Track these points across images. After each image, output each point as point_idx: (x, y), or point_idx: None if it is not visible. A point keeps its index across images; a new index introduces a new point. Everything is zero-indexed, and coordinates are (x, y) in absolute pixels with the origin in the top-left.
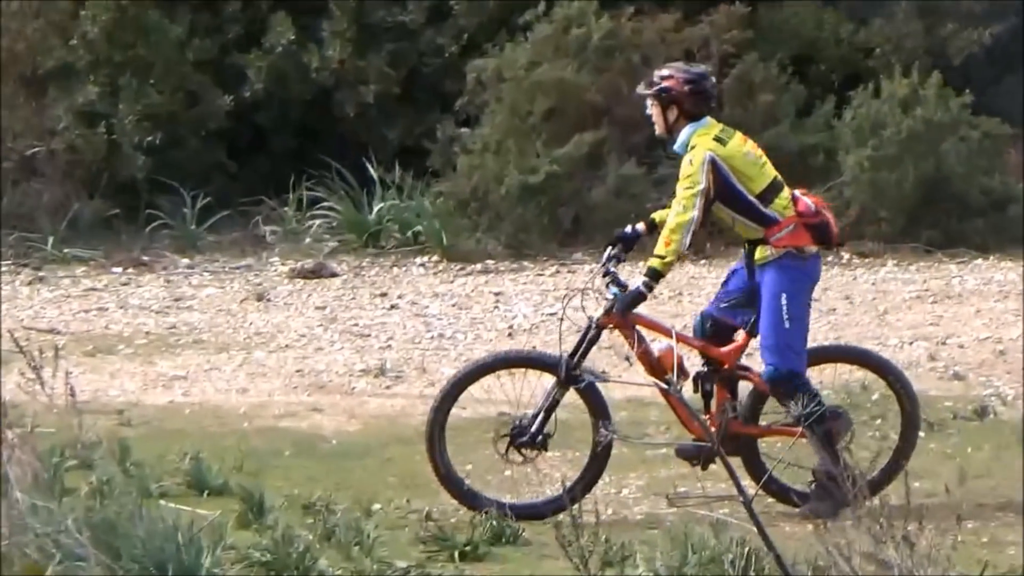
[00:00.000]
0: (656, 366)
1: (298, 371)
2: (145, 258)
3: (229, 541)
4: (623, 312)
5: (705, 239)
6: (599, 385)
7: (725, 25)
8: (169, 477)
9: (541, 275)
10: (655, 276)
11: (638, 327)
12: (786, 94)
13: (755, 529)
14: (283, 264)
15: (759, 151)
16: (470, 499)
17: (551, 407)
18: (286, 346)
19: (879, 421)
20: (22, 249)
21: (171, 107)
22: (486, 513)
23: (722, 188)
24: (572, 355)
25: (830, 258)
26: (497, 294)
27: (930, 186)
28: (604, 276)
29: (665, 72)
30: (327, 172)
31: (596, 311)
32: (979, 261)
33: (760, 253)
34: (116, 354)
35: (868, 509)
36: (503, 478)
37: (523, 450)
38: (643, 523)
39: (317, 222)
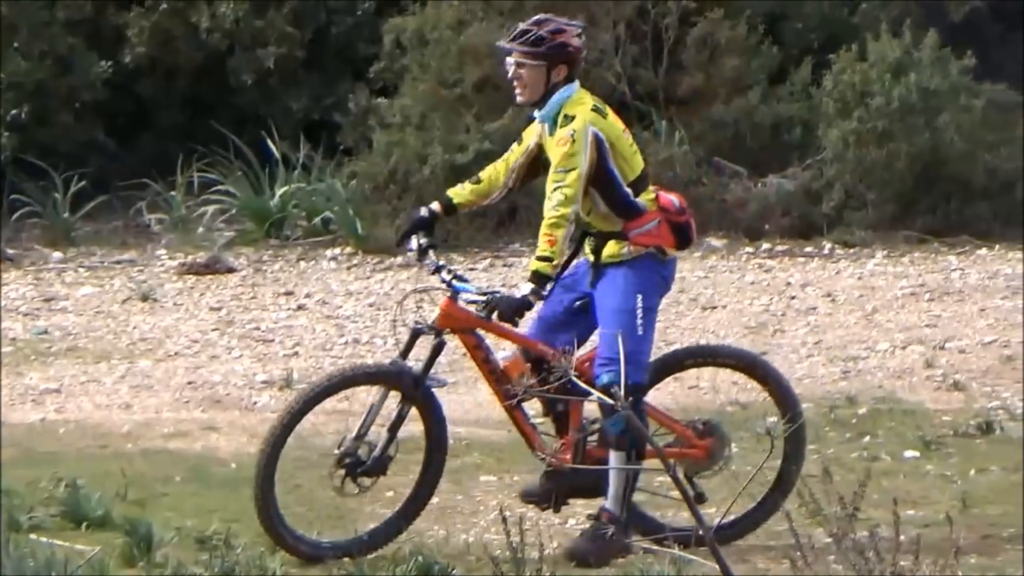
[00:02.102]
0: (500, 377)
1: (190, 383)
2: (10, 252)
3: None
4: (509, 321)
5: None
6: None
7: None
8: (41, 507)
9: (473, 268)
10: (543, 282)
11: (479, 331)
12: (756, 58)
13: (718, 566)
14: (171, 258)
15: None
16: (300, 548)
17: (396, 425)
18: (176, 354)
19: (867, 439)
20: None
21: (38, 75)
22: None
23: (598, 170)
24: (403, 359)
25: (808, 249)
26: (421, 291)
27: (925, 165)
28: (435, 272)
29: (553, 26)
30: (221, 151)
31: (432, 314)
32: (982, 251)
33: (612, 249)
34: None
35: (854, 541)
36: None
37: (361, 479)
38: None
39: (210, 209)
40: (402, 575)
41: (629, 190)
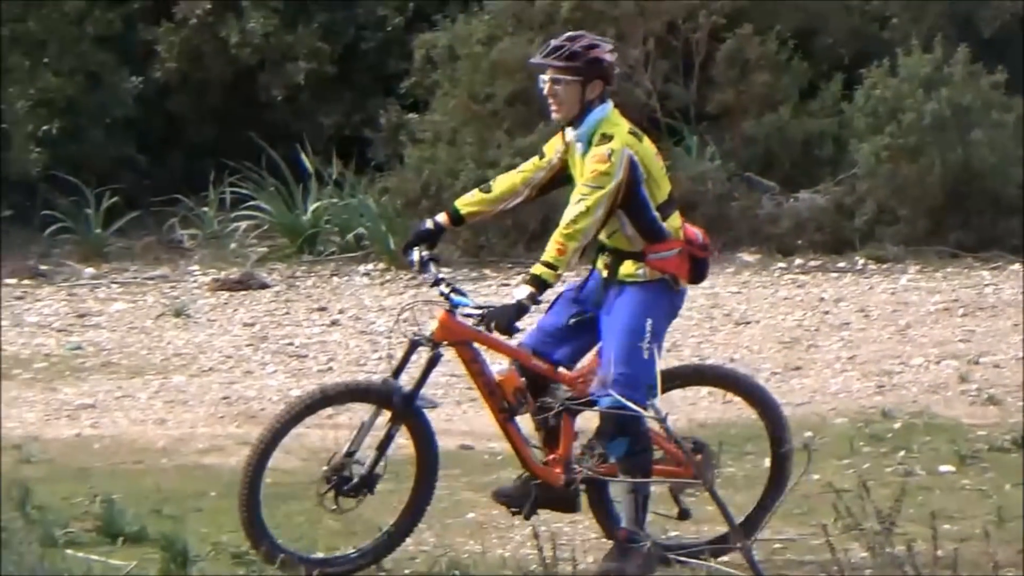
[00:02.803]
0: (495, 391)
1: (224, 398)
2: (42, 267)
3: None
4: (507, 329)
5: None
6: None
7: None
8: (77, 522)
9: (506, 284)
10: (543, 287)
11: (476, 344)
12: (787, 73)
13: None
14: (204, 274)
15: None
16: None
17: (384, 444)
18: (210, 369)
19: (902, 453)
20: None
21: (69, 91)
22: None
23: (629, 193)
24: (396, 377)
25: (841, 264)
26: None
27: (957, 180)
28: (435, 285)
29: (587, 41)
30: (253, 166)
31: (428, 327)
32: (1016, 266)
33: (628, 268)
34: (12, 379)
35: (891, 556)
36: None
37: (348, 497)
38: None
39: (243, 225)
40: None
41: (657, 214)
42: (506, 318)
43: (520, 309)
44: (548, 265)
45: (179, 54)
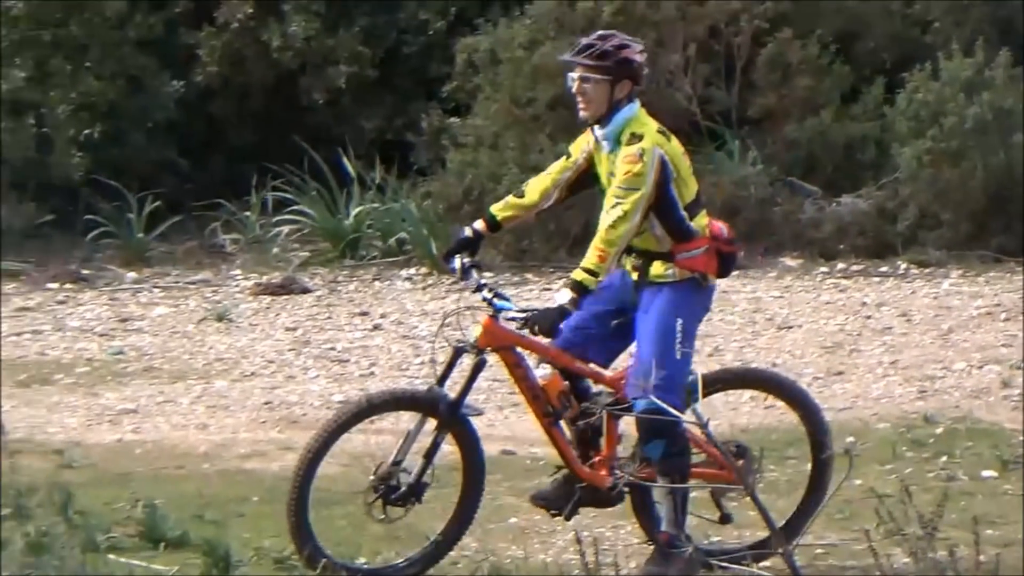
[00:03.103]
0: (539, 395)
1: (266, 403)
2: (85, 272)
3: None
4: (550, 332)
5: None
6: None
7: None
8: (119, 527)
9: (548, 288)
10: (584, 292)
11: (519, 348)
12: (828, 77)
13: None
14: (246, 278)
15: None
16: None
17: (431, 452)
18: (252, 374)
19: (944, 458)
20: None
21: (110, 95)
22: None
23: (659, 193)
24: (440, 384)
25: (883, 268)
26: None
27: (1000, 184)
28: (477, 291)
29: (617, 40)
30: (295, 170)
31: (472, 333)
32: None
33: (658, 269)
34: (54, 384)
35: (933, 561)
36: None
37: (396, 506)
38: None
39: (285, 229)
40: None
41: (685, 213)
42: (549, 321)
43: (562, 312)
44: (589, 271)
45: (220, 58)
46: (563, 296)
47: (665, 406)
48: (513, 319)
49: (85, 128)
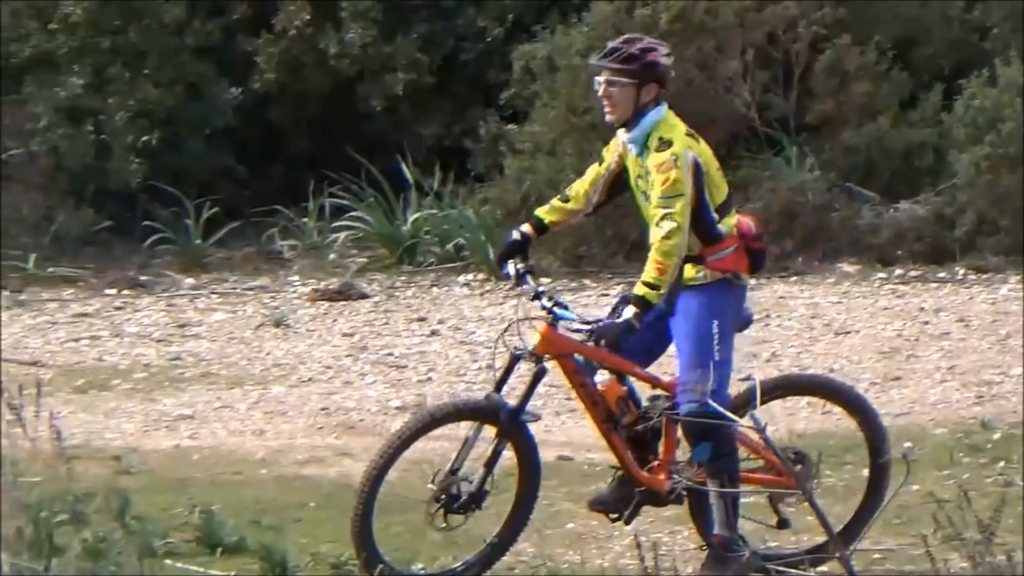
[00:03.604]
0: (598, 401)
1: (323, 409)
2: (142, 278)
3: None
4: (615, 346)
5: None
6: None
7: (815, 3)
8: (176, 533)
9: (606, 295)
10: (647, 307)
11: (576, 355)
12: (886, 83)
13: None
14: (304, 284)
15: None
16: None
17: (492, 460)
18: (309, 380)
19: (1002, 464)
20: None
21: (169, 102)
22: None
23: (694, 195)
24: (498, 391)
25: (941, 274)
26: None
27: None
28: (535, 299)
29: (644, 44)
30: (353, 177)
31: (529, 341)
32: None
33: (689, 272)
34: (111, 390)
35: (991, 566)
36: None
37: (457, 514)
38: None
39: (342, 235)
40: None
41: (716, 216)
42: (614, 335)
43: (628, 327)
44: (650, 285)
45: (278, 65)
46: (628, 312)
47: (717, 407)
48: (579, 331)
49: (143, 135)
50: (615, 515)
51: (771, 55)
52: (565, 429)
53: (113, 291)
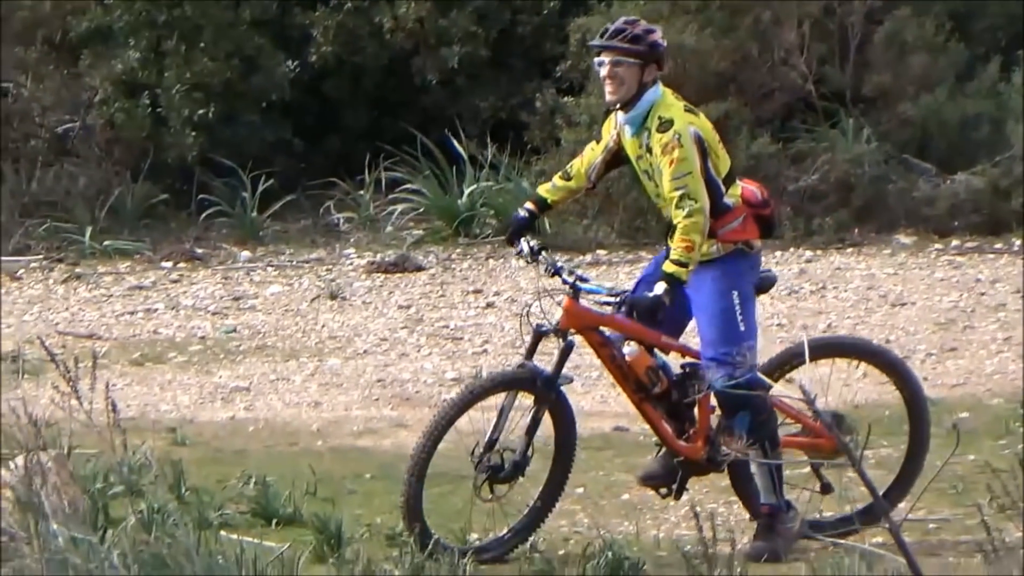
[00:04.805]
0: (628, 373)
1: (379, 381)
2: (198, 251)
3: None
4: (650, 320)
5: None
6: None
7: None
8: (231, 504)
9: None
10: (678, 284)
11: (603, 328)
12: (944, 55)
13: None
14: (360, 257)
15: None
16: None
17: (532, 428)
18: (365, 352)
19: None
20: (55, 242)
21: (225, 75)
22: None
23: (700, 170)
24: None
25: (997, 245)
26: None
27: None
28: (555, 274)
29: (645, 26)
30: (409, 150)
31: (554, 316)
32: None
33: (702, 248)
34: (166, 363)
35: None
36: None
37: (502, 484)
38: None
39: (398, 208)
40: (592, 571)
41: (723, 188)
42: (645, 308)
43: (658, 303)
44: (678, 263)
45: (334, 38)
46: (659, 288)
47: (753, 375)
48: (607, 303)
49: (199, 108)
50: (665, 490)
51: (827, 27)
52: (620, 400)
53: (169, 264)
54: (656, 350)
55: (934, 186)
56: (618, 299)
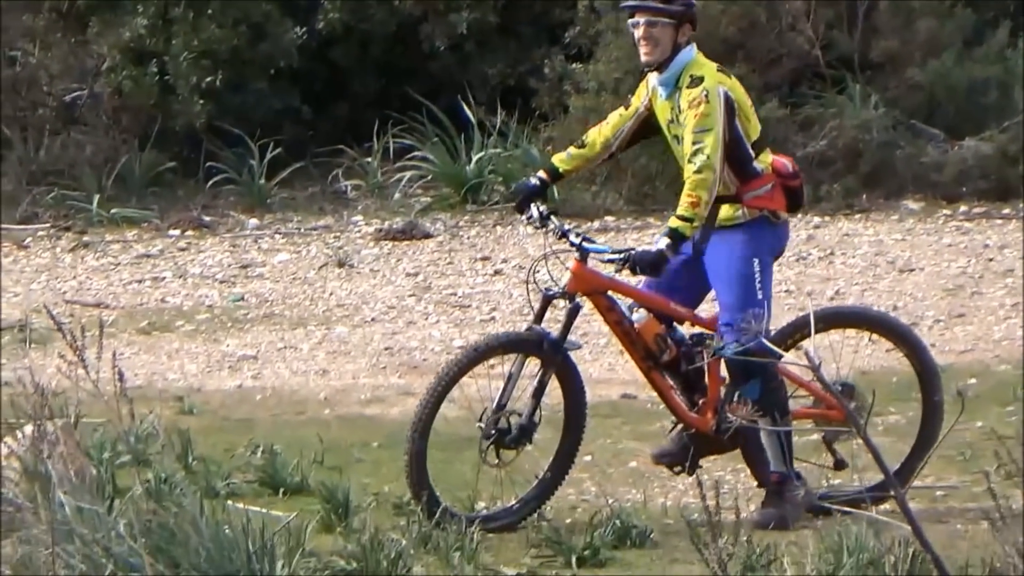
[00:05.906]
0: (635, 339)
1: (387, 349)
2: (206, 219)
3: (309, 547)
4: (654, 272)
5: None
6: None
7: None
8: (238, 474)
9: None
10: (681, 240)
11: (611, 293)
12: (951, 20)
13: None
14: (367, 224)
15: None
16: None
17: (539, 392)
18: (372, 320)
19: None
20: (63, 210)
21: (233, 42)
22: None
23: (727, 132)
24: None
25: (1005, 211)
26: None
27: None
28: (562, 237)
29: None
30: (417, 116)
31: (561, 279)
32: None
33: (727, 212)
34: (174, 331)
35: None
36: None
37: (509, 449)
38: None
39: (406, 175)
40: (600, 539)
41: (752, 152)
42: (648, 262)
43: (661, 256)
44: (683, 218)
45: (342, 4)
46: (661, 242)
47: (765, 343)
48: (610, 261)
49: (207, 76)
50: (678, 467)
51: None
52: (629, 368)
53: (176, 232)
54: (674, 323)
55: (942, 152)
56: (622, 256)
